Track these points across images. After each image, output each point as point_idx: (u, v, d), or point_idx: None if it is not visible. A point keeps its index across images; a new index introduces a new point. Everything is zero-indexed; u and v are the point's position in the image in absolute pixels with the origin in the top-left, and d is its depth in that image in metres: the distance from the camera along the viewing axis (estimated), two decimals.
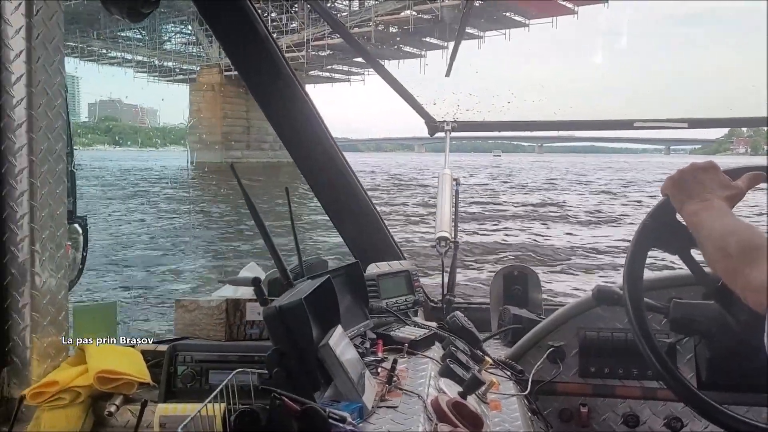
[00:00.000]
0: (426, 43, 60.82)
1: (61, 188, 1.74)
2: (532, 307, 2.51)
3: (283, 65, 2.47)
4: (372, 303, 2.04)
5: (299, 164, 2.67)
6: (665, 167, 48.59)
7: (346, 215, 2.74)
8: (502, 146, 72.81)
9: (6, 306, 1.67)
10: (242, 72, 2.49)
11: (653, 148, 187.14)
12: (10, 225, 1.66)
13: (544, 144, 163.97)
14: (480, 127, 2.89)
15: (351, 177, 2.69)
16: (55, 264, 1.73)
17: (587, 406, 2.17)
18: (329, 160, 2.64)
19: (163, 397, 1.64)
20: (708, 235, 1.22)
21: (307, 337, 1.35)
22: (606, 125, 2.87)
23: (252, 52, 2.43)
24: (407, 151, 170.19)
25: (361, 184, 2.74)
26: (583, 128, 2.94)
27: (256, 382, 1.48)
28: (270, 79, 2.50)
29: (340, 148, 2.69)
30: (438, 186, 2.74)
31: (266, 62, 2.44)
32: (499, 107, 3.44)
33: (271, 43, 2.42)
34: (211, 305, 1.77)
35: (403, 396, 1.51)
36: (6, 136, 1.63)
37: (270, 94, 2.55)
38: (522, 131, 3.16)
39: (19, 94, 1.62)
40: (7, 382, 1.68)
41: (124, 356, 1.74)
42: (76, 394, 1.59)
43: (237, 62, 2.48)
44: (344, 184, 2.69)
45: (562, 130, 3.09)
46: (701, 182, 1.32)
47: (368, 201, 2.73)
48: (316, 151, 2.63)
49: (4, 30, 1.61)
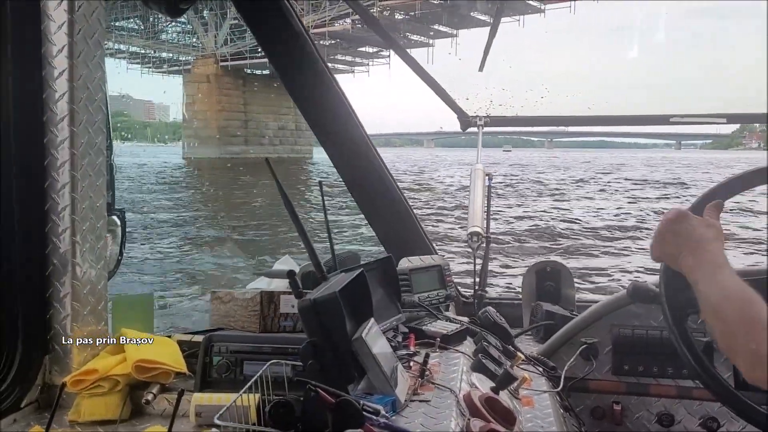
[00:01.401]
0: (434, 31, 58.27)
1: (101, 181, 1.78)
2: (565, 304, 2.49)
3: (317, 60, 2.48)
4: (404, 297, 2.04)
5: (333, 159, 2.68)
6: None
7: (378, 209, 2.74)
8: (511, 141, 71.32)
9: (48, 296, 1.72)
10: (277, 67, 2.51)
11: (663, 143, 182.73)
12: (52, 216, 1.70)
13: (554, 139, 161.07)
14: (514, 122, 2.87)
15: (384, 171, 2.70)
16: (95, 255, 1.77)
17: (620, 404, 2.14)
18: (363, 154, 2.65)
19: (198, 386, 1.67)
20: (705, 299, 1.20)
21: (341, 330, 1.36)
22: (641, 120, 2.83)
23: (288, 48, 2.45)
24: (416, 146, 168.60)
25: (394, 178, 2.74)
26: (617, 123, 2.89)
27: (289, 373, 1.51)
28: (305, 74, 2.51)
29: (374, 143, 2.70)
30: (470, 181, 2.73)
31: (301, 57, 2.45)
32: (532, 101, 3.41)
33: (306, 39, 2.43)
34: (246, 297, 1.80)
35: (436, 390, 1.52)
36: (48, 130, 1.67)
37: (305, 89, 2.57)
38: (556, 126, 3.13)
39: (61, 89, 1.66)
40: (48, 370, 1.73)
41: (161, 346, 1.77)
42: (114, 383, 1.63)
43: (273, 57, 2.50)
44: (377, 179, 2.69)
45: (598, 125, 3.04)
46: (680, 233, 1.30)
47: (400, 195, 2.73)
48: (349, 146, 2.64)
49: (48, 26, 1.64)
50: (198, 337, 1.83)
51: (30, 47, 1.65)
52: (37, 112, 1.67)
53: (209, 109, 57.15)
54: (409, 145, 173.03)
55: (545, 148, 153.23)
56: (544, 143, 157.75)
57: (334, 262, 1.94)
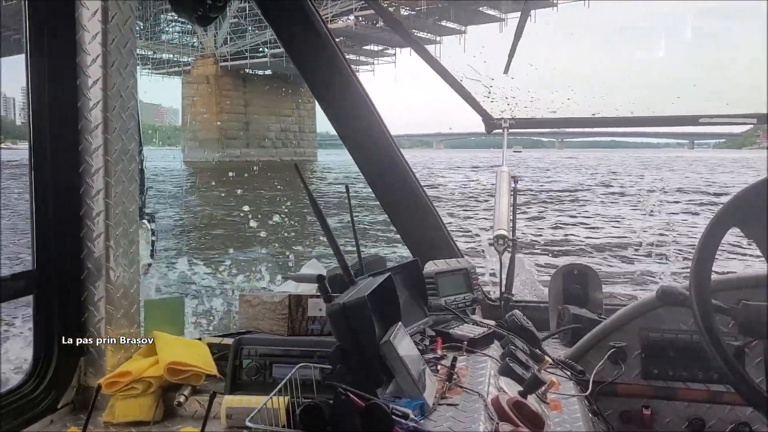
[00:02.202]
0: (441, 28, 55.44)
1: (133, 186, 1.82)
2: (593, 307, 2.47)
3: (342, 63, 2.50)
4: (430, 300, 2.05)
5: (357, 161, 2.70)
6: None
7: (403, 212, 2.75)
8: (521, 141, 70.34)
9: (83, 299, 1.76)
10: (301, 69, 2.54)
11: (675, 143, 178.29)
12: (86, 222, 1.74)
13: (565, 139, 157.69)
14: (540, 124, 2.86)
15: (408, 174, 2.71)
16: (128, 259, 1.81)
17: (650, 408, 2.12)
18: (387, 156, 2.66)
19: (228, 389, 1.69)
20: None
21: (369, 334, 1.38)
22: (669, 121, 2.80)
23: (311, 50, 2.47)
24: (425, 147, 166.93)
25: (419, 181, 2.75)
26: (646, 125, 2.86)
27: (318, 376, 1.52)
28: (329, 76, 2.54)
29: (398, 145, 2.71)
30: (495, 184, 2.73)
31: (325, 59, 2.48)
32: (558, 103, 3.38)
33: (330, 41, 2.45)
34: (274, 300, 1.82)
35: (464, 394, 1.52)
36: (84, 137, 1.71)
37: (329, 91, 2.59)
38: (582, 128, 3.11)
39: (95, 97, 1.70)
40: (83, 372, 1.77)
41: (192, 348, 1.80)
42: (147, 384, 1.66)
43: (297, 60, 2.52)
44: (401, 181, 2.70)
45: (627, 127, 3.01)
46: None
47: (426, 198, 2.74)
48: (374, 148, 2.66)
49: (82, 36, 1.68)
50: (227, 339, 1.86)
51: (65, 57, 1.69)
52: (72, 121, 1.71)
53: (208, 111, 55.18)
54: (418, 146, 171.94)
55: (556, 148, 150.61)
56: (555, 143, 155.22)
57: (361, 265, 1.96)
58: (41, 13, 1.66)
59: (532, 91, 3.73)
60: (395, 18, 2.96)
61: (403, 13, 49.70)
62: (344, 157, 3.19)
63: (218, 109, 54.94)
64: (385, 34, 50.40)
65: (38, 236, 1.71)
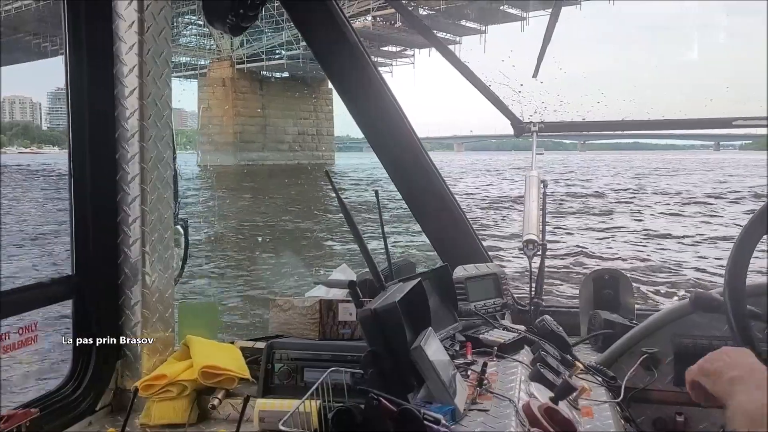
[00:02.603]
0: (461, 28, 53.72)
1: (168, 193, 1.86)
2: (624, 312, 2.44)
3: (370, 66, 2.51)
4: (460, 305, 2.05)
5: (386, 165, 2.70)
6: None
7: (432, 216, 2.76)
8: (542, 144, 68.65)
9: (120, 303, 1.80)
10: (330, 73, 2.56)
11: (700, 144, 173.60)
12: (123, 228, 1.79)
13: (587, 141, 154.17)
14: (570, 127, 2.83)
15: (437, 178, 2.71)
16: (163, 264, 1.85)
17: (683, 415, 2.09)
18: (415, 161, 2.67)
19: (261, 392, 1.72)
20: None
21: (401, 339, 1.39)
22: (703, 124, 2.75)
23: (339, 54, 2.49)
24: (446, 150, 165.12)
25: (447, 185, 2.75)
26: (678, 127, 2.82)
27: (349, 381, 1.53)
28: (357, 80, 2.55)
29: (426, 149, 2.71)
30: (524, 187, 2.71)
31: (354, 64, 2.49)
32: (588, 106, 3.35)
33: (358, 46, 2.47)
34: (305, 305, 1.84)
35: (494, 399, 1.52)
36: (120, 146, 1.76)
37: (357, 95, 2.60)
38: (613, 131, 3.07)
39: (132, 106, 1.75)
40: (120, 374, 1.81)
41: (225, 352, 1.83)
42: (182, 387, 1.70)
43: (325, 64, 2.54)
44: (430, 185, 2.71)
45: (659, 129, 2.97)
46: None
47: (454, 202, 2.74)
48: (402, 153, 2.67)
49: (119, 47, 1.73)
50: (259, 343, 1.89)
51: (103, 68, 1.74)
52: (110, 129, 1.76)
53: (225, 114, 54.52)
54: (438, 149, 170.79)
55: (577, 150, 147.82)
56: (577, 145, 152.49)
57: (390, 270, 1.97)
58: (80, 26, 1.71)
59: (561, 94, 3.69)
60: (420, 20, 2.93)
61: (422, 13, 47.88)
62: (361, 161, 3.17)
63: (235, 112, 54.63)
64: (403, 34, 49.61)
65: (77, 242, 1.76)
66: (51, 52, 53.40)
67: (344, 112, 2.69)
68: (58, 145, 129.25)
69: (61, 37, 1.73)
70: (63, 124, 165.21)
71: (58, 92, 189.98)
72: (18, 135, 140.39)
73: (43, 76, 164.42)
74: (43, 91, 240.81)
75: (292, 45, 50.71)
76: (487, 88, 2.73)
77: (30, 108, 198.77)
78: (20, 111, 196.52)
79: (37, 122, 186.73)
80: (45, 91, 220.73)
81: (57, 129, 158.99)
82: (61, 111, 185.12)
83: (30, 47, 54.29)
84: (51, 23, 47.27)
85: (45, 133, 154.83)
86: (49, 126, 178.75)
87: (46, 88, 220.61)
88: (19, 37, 53.51)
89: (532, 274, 2.51)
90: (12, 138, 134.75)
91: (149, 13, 1.74)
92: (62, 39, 1.73)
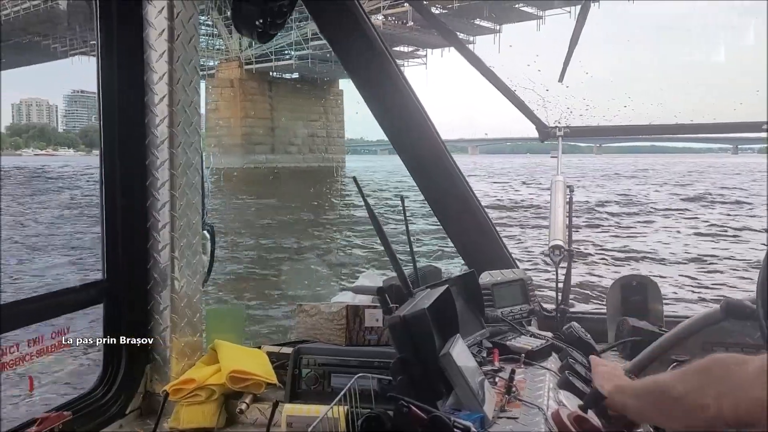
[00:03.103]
0: (475, 27, 51.95)
1: (197, 199, 1.88)
2: (653, 319, 2.41)
3: (394, 69, 2.51)
4: (486, 312, 2.04)
5: (409, 167, 2.69)
6: None
7: (457, 221, 2.74)
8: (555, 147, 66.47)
9: (149, 308, 1.82)
10: (354, 76, 2.55)
11: (717, 147, 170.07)
12: (153, 233, 1.81)
13: (603, 144, 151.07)
14: (595, 131, 2.80)
15: (461, 181, 2.69)
16: (191, 269, 1.87)
17: None
18: (440, 165, 2.66)
19: (288, 397, 1.72)
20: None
21: (429, 346, 1.38)
22: (736, 128, 2.71)
23: (362, 55, 2.49)
24: (461, 153, 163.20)
25: (473, 190, 2.74)
26: (707, 131, 2.79)
27: (376, 387, 1.53)
28: (381, 83, 2.54)
29: (451, 153, 2.70)
30: (550, 193, 2.68)
31: (377, 66, 2.49)
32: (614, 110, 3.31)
33: (380, 44, 2.46)
34: (332, 311, 1.85)
35: (523, 407, 1.52)
36: (150, 152, 1.78)
37: (382, 98, 2.60)
38: (638, 135, 3.04)
39: (161, 113, 1.77)
40: (150, 378, 1.83)
41: (252, 357, 1.84)
42: (211, 392, 1.71)
43: (348, 66, 2.54)
44: (455, 190, 2.69)
45: (687, 134, 2.93)
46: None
47: (480, 207, 2.73)
48: (428, 158, 2.66)
49: (150, 55, 1.76)
50: (286, 348, 1.89)
51: (133, 76, 1.77)
52: (140, 136, 1.78)
53: (233, 116, 53.62)
54: (454, 151, 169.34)
55: (593, 153, 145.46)
56: (593, 148, 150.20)
57: (417, 277, 1.96)
58: (112, 34, 1.73)
59: (587, 98, 3.66)
60: (440, 20, 2.88)
61: (435, 12, 44.78)
62: (372, 163, 3.09)
63: (243, 113, 53.87)
64: (415, 34, 48.75)
65: (108, 247, 1.78)
66: (61, 54, 52.23)
67: (356, 114, 2.63)
68: (74, 148, 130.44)
69: (71, 38, 1.76)
70: (79, 127, 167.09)
71: (74, 95, 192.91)
72: (34, 137, 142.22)
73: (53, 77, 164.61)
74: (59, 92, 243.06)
75: (301, 45, 49.94)
76: (512, 92, 2.71)
77: (47, 110, 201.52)
78: (37, 113, 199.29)
79: (53, 124, 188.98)
80: (61, 93, 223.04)
81: (73, 131, 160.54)
82: (77, 113, 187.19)
83: (40, 48, 54.30)
84: (59, 25, 45.87)
85: (61, 135, 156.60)
86: (65, 128, 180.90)
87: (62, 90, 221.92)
88: (29, 38, 52.46)
89: (558, 279, 2.48)
90: (28, 140, 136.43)
91: (179, 21, 1.77)
92: (71, 40, 1.75)
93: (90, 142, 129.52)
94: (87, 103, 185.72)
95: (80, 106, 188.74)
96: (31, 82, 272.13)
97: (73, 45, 49.43)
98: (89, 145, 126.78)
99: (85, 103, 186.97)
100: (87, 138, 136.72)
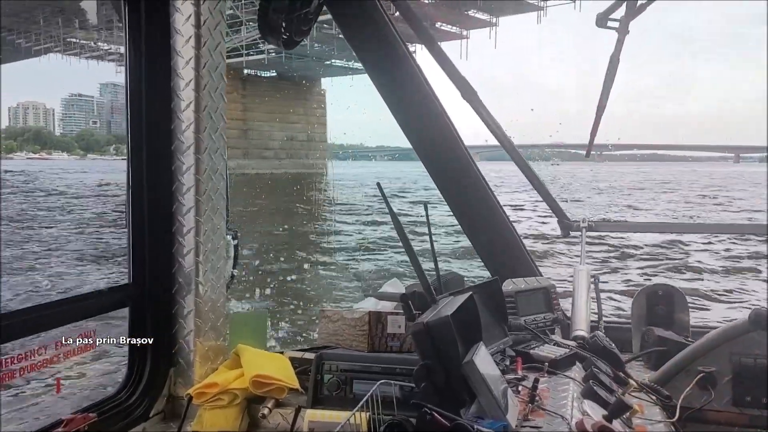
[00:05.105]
0: (469, 19, 47.09)
1: (221, 204, 1.90)
2: (679, 329, 2.37)
3: (416, 72, 2.50)
4: (510, 320, 2.03)
5: (436, 179, 2.69)
6: None
7: (480, 229, 2.73)
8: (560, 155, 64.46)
9: (174, 312, 1.84)
10: (377, 81, 2.55)
11: (719, 156, 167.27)
12: (178, 238, 1.83)
13: (604, 152, 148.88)
14: (617, 227, 2.83)
15: (485, 190, 2.68)
16: (216, 274, 1.88)
17: None
18: (464, 172, 2.65)
19: (310, 403, 1.72)
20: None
21: (453, 353, 1.38)
22: (741, 228, 2.75)
23: (384, 59, 2.48)
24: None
25: (496, 197, 2.72)
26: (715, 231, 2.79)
27: (398, 393, 1.53)
28: (404, 86, 2.54)
29: (473, 158, 2.68)
30: (573, 281, 2.61)
31: (401, 71, 2.48)
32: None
33: (402, 48, 2.46)
34: (354, 317, 1.85)
35: (546, 416, 1.50)
36: (176, 158, 1.80)
37: (403, 101, 2.59)
38: (661, 233, 3.15)
39: (188, 120, 1.79)
40: (173, 382, 1.85)
41: (275, 362, 1.85)
42: (233, 396, 1.72)
43: (372, 70, 2.54)
44: (478, 197, 2.68)
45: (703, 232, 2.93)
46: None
47: (503, 214, 2.71)
48: (451, 165, 2.64)
49: (177, 62, 1.78)
50: (308, 354, 1.90)
51: (160, 82, 1.79)
52: (166, 142, 1.80)
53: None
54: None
55: (595, 161, 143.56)
56: (594, 157, 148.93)
57: (439, 284, 1.95)
58: (139, 41, 1.76)
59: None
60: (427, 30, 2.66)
61: (425, 1, 42.02)
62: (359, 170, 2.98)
63: None
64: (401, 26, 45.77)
65: (134, 252, 1.80)
66: (25, 51, 46.34)
67: (342, 119, 2.42)
68: (68, 151, 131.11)
69: (40, 34, 1.77)
70: (75, 130, 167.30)
71: (71, 98, 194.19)
72: (29, 140, 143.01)
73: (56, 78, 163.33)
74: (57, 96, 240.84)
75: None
76: (542, 185, 2.71)
77: (43, 114, 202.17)
78: (33, 117, 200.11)
79: (49, 128, 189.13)
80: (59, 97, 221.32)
81: (69, 135, 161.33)
82: (74, 117, 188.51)
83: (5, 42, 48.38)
84: (25, 18, 40.11)
85: (57, 139, 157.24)
86: (62, 132, 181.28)
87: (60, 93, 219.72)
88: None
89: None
90: (22, 143, 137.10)
91: (206, 28, 1.79)
92: (40, 36, 1.76)
93: (86, 146, 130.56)
94: (84, 107, 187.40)
95: (77, 110, 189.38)
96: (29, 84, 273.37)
97: (38, 41, 43.98)
98: (85, 149, 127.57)
99: (82, 107, 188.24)
100: (83, 142, 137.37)
